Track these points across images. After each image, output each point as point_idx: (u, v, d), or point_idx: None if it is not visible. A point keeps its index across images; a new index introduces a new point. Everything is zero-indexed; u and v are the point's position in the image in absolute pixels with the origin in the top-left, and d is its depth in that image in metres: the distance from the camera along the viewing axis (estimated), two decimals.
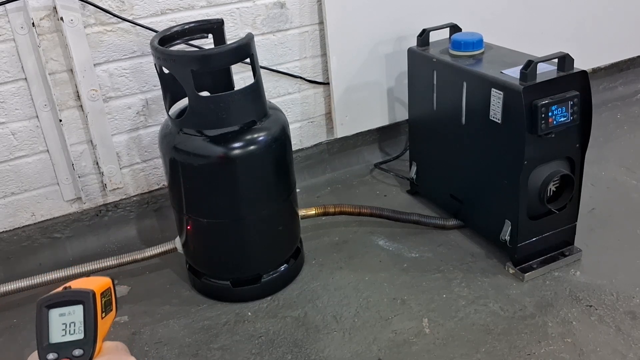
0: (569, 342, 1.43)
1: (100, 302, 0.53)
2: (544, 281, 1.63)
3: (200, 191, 1.53)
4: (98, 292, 0.54)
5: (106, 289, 0.55)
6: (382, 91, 2.18)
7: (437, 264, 1.74)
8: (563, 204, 1.63)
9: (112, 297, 0.56)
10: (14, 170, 1.76)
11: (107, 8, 1.69)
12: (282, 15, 1.96)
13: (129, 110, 1.84)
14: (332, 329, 1.53)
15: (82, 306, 0.52)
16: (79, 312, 0.52)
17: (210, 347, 1.50)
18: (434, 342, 1.46)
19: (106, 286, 0.55)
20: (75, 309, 0.52)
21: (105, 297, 0.54)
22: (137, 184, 1.94)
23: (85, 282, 0.56)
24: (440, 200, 1.98)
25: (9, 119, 1.69)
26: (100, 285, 0.55)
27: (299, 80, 2.09)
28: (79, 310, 0.52)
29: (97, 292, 0.53)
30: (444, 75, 1.77)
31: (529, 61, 1.49)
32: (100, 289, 0.54)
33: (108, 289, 0.55)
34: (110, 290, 0.56)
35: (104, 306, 0.54)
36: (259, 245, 1.63)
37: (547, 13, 2.34)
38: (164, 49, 1.43)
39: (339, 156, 2.29)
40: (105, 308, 0.54)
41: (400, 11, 2.06)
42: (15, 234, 1.82)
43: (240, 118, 1.49)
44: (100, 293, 0.54)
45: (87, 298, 0.53)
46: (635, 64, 2.76)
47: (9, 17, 1.59)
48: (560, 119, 1.50)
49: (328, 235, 1.91)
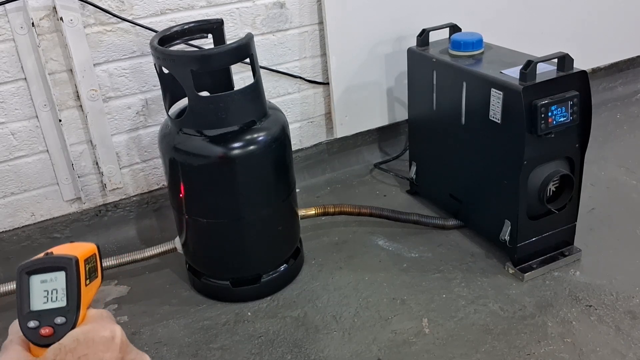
0: (569, 342, 1.43)
1: (84, 268, 0.51)
2: (544, 281, 1.63)
3: (200, 191, 1.53)
4: (81, 258, 0.51)
5: (90, 255, 0.53)
6: (382, 91, 2.18)
7: (436, 264, 1.74)
8: (563, 204, 1.63)
9: (97, 263, 0.54)
10: (14, 170, 1.76)
11: (107, 8, 1.69)
12: (281, 15, 1.96)
13: (128, 110, 1.84)
14: (331, 329, 1.53)
15: (65, 272, 0.50)
16: (61, 278, 0.50)
17: (210, 347, 1.50)
18: (433, 342, 1.46)
19: (90, 252, 0.53)
20: (57, 276, 0.50)
21: (90, 263, 0.52)
22: (136, 184, 1.94)
23: (69, 248, 0.53)
24: (439, 200, 1.98)
25: (9, 119, 1.69)
26: (84, 251, 0.52)
27: (299, 80, 2.09)
28: (61, 277, 0.50)
29: (80, 259, 0.51)
30: (443, 75, 1.77)
31: (528, 61, 1.49)
32: (84, 255, 0.52)
33: (93, 255, 0.53)
34: (95, 257, 0.53)
35: (88, 273, 0.51)
36: (259, 245, 1.63)
37: (547, 13, 2.34)
38: (164, 49, 1.43)
39: (338, 156, 2.29)
40: (90, 275, 0.52)
41: (400, 11, 2.06)
42: (15, 234, 1.82)
43: (240, 118, 1.49)
44: (84, 259, 0.51)
45: (69, 264, 0.50)
46: (635, 64, 2.76)
47: (8, 17, 1.59)
48: (560, 119, 1.50)
49: (328, 235, 1.91)
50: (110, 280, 1.77)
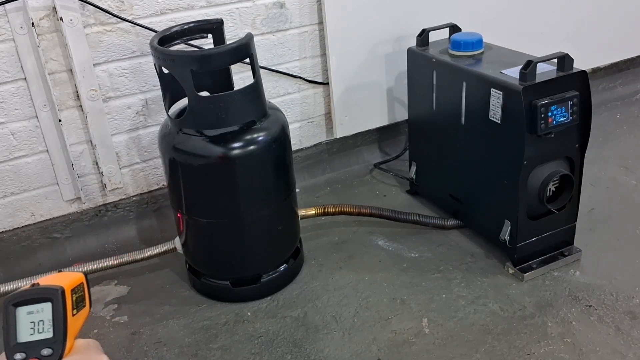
0: (569, 342, 1.43)
1: (71, 298, 0.51)
2: (544, 281, 1.64)
3: (200, 191, 1.53)
4: (68, 288, 0.51)
5: (77, 284, 0.52)
6: (382, 91, 2.18)
7: (436, 264, 1.74)
8: (562, 204, 1.63)
9: (85, 293, 0.53)
10: (14, 170, 1.76)
11: (107, 8, 1.69)
12: (281, 15, 1.96)
13: (128, 110, 1.84)
14: (331, 329, 1.53)
15: (51, 304, 0.50)
16: (48, 309, 0.50)
17: (209, 347, 1.50)
18: (433, 342, 1.46)
19: (78, 282, 0.52)
20: (44, 307, 0.50)
21: (77, 293, 0.52)
22: (136, 184, 1.94)
23: (56, 278, 0.52)
24: (439, 200, 1.98)
25: (9, 119, 1.69)
26: (71, 281, 0.52)
27: (299, 80, 2.09)
28: (47, 308, 0.50)
29: (66, 289, 0.51)
30: (443, 75, 1.77)
31: (528, 61, 1.49)
32: (70, 285, 0.51)
33: (80, 285, 0.53)
34: (82, 286, 0.53)
35: (75, 303, 0.51)
36: (259, 245, 1.63)
37: (547, 13, 2.34)
38: (164, 49, 1.43)
39: (338, 156, 2.29)
40: (77, 305, 0.51)
41: (400, 11, 2.06)
42: (14, 234, 1.82)
43: (240, 118, 1.49)
44: (70, 289, 0.51)
45: (55, 295, 0.50)
46: (635, 64, 2.76)
47: (8, 17, 1.59)
48: (560, 119, 1.50)
49: (328, 235, 1.91)
50: (110, 280, 1.77)
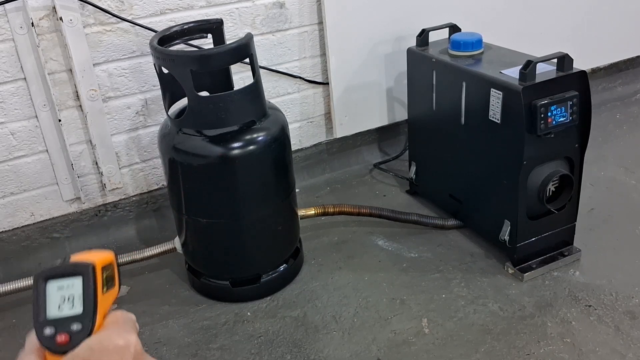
0: (568, 342, 1.43)
1: (102, 276, 0.50)
2: (543, 281, 1.64)
3: (200, 191, 1.53)
4: (99, 265, 0.50)
5: (108, 263, 0.52)
6: (382, 91, 2.18)
7: (436, 264, 1.74)
8: (562, 204, 1.63)
9: (115, 272, 0.53)
10: (13, 170, 1.76)
11: (107, 8, 1.69)
12: (281, 15, 1.96)
13: (128, 110, 1.84)
14: (331, 329, 1.53)
15: (82, 279, 0.49)
16: (78, 284, 0.49)
17: (209, 347, 1.50)
18: (433, 342, 1.46)
19: (108, 260, 0.52)
20: (74, 282, 0.49)
21: (107, 271, 0.51)
22: (136, 184, 1.94)
23: (87, 255, 0.52)
24: (439, 200, 1.98)
25: (8, 119, 1.69)
26: (102, 258, 0.51)
27: (299, 80, 2.09)
28: (77, 283, 0.49)
29: (97, 265, 0.50)
30: (443, 75, 1.77)
31: (528, 61, 1.49)
32: (101, 262, 0.51)
33: (110, 264, 0.52)
34: (112, 265, 0.52)
35: (106, 281, 0.51)
36: (258, 246, 1.63)
37: (547, 13, 2.34)
38: (163, 48, 1.43)
39: (338, 156, 2.29)
40: (107, 283, 0.51)
41: (400, 11, 2.06)
42: (14, 234, 1.82)
43: (240, 118, 1.49)
44: (101, 267, 0.51)
45: (86, 271, 0.49)
46: (635, 64, 2.76)
47: (8, 17, 1.59)
48: (560, 119, 1.50)
49: (327, 235, 1.91)
50: None
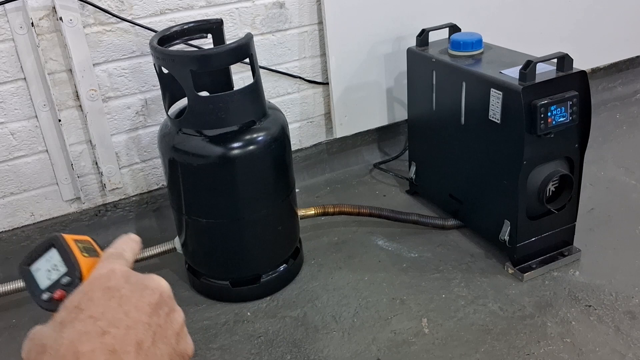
0: (568, 342, 1.43)
1: (76, 245, 0.54)
2: (543, 281, 1.64)
3: (200, 191, 1.53)
4: (68, 237, 0.54)
5: (82, 239, 0.56)
6: (382, 91, 2.18)
7: (436, 264, 1.74)
8: (562, 204, 1.63)
9: (94, 246, 0.56)
10: (13, 170, 1.75)
11: (107, 8, 1.69)
12: (281, 15, 1.96)
13: (128, 110, 1.84)
14: (331, 329, 1.53)
15: (55, 248, 0.53)
16: (55, 253, 0.53)
17: (209, 347, 1.50)
18: (433, 342, 1.46)
19: (82, 237, 0.56)
20: (52, 254, 0.53)
21: (83, 244, 0.55)
22: (136, 184, 1.94)
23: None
24: (439, 200, 1.98)
25: (8, 119, 1.69)
26: (72, 235, 0.56)
27: (298, 80, 2.09)
28: (54, 253, 0.53)
29: (66, 237, 0.54)
30: (443, 75, 1.77)
31: (528, 61, 1.49)
32: (71, 236, 0.55)
33: (85, 240, 0.56)
34: (89, 242, 0.56)
35: (83, 249, 0.54)
36: (258, 245, 1.63)
37: (547, 13, 2.34)
38: (163, 48, 1.43)
39: (338, 156, 2.29)
40: (87, 251, 0.54)
41: (400, 11, 2.06)
42: (14, 234, 1.82)
43: (240, 118, 1.49)
44: (72, 239, 0.54)
45: (55, 239, 0.54)
46: (634, 64, 2.76)
47: (8, 17, 1.59)
48: (560, 119, 1.50)
49: (327, 236, 1.91)
50: None
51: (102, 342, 0.43)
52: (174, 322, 0.49)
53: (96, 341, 0.43)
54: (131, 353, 0.43)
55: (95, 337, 0.43)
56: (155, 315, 0.47)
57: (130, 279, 0.49)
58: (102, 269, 0.50)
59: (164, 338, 0.47)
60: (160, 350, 0.45)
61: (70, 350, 0.42)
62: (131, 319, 0.45)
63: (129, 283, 0.48)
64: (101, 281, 0.48)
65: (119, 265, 0.51)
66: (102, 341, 0.43)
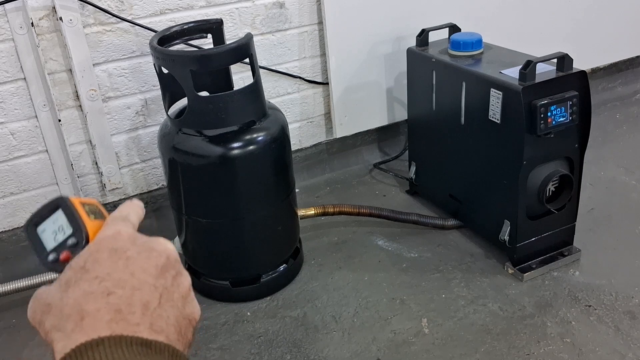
0: (568, 342, 1.43)
1: (82, 207, 0.54)
2: (543, 281, 1.64)
3: (200, 191, 1.53)
4: (74, 199, 0.54)
5: (88, 202, 0.56)
6: (381, 91, 2.18)
7: (436, 264, 1.74)
8: (562, 204, 1.63)
9: (101, 209, 0.56)
10: (13, 170, 1.75)
11: (106, 8, 1.69)
12: (281, 15, 1.96)
13: (128, 110, 1.84)
14: (331, 329, 1.53)
15: (61, 209, 0.53)
16: (61, 215, 0.53)
17: (209, 347, 1.50)
18: (433, 342, 1.46)
19: (89, 200, 0.56)
20: (58, 215, 0.53)
21: (90, 206, 0.55)
22: (136, 184, 1.94)
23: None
24: (439, 200, 1.98)
25: (8, 119, 1.69)
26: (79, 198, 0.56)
27: (298, 80, 2.09)
28: (60, 214, 0.53)
29: (72, 199, 0.54)
30: (443, 75, 1.77)
31: (528, 61, 1.49)
32: (78, 199, 0.55)
33: (92, 203, 0.56)
34: (95, 205, 0.56)
35: (90, 212, 0.54)
36: (258, 246, 1.63)
37: (547, 13, 2.34)
38: (163, 49, 1.43)
39: (338, 156, 2.29)
40: (94, 214, 0.54)
41: (400, 11, 2.06)
42: (14, 234, 1.82)
43: (240, 118, 1.49)
44: (78, 201, 0.54)
45: (62, 201, 0.54)
46: (634, 64, 2.76)
47: (7, 17, 1.59)
48: (560, 119, 1.50)
49: (327, 236, 1.91)
50: None
51: (108, 302, 0.43)
52: (180, 285, 0.48)
53: (102, 301, 0.43)
54: (137, 313, 0.43)
55: (100, 297, 0.43)
56: (161, 278, 0.46)
57: (136, 241, 0.48)
58: (108, 231, 0.50)
59: (171, 301, 0.46)
60: (167, 312, 0.45)
61: (75, 309, 0.42)
62: (137, 280, 0.45)
63: (135, 245, 0.48)
64: (107, 242, 0.48)
65: (125, 227, 0.51)
66: (107, 301, 0.43)
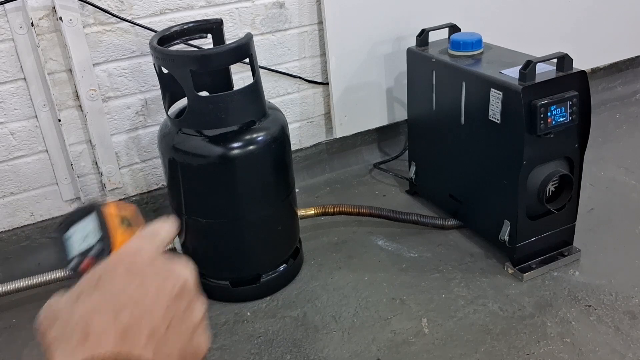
0: (568, 342, 1.43)
1: (116, 213, 0.53)
2: (543, 281, 1.64)
3: (200, 191, 1.53)
4: (111, 204, 0.53)
5: (125, 208, 0.54)
6: (381, 91, 2.18)
7: (436, 264, 1.74)
8: (562, 204, 1.63)
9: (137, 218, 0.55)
10: (13, 170, 1.75)
11: (106, 8, 1.69)
12: (281, 15, 1.96)
13: (128, 110, 1.84)
14: (331, 329, 1.53)
15: (94, 214, 0.52)
16: (92, 220, 0.52)
17: (209, 347, 1.50)
18: (433, 342, 1.46)
19: (126, 207, 0.55)
20: (88, 221, 0.52)
21: (124, 213, 0.54)
22: (136, 184, 1.94)
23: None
24: (439, 200, 1.98)
25: (8, 118, 1.69)
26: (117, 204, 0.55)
27: (298, 80, 2.09)
28: (90, 220, 0.52)
29: (108, 203, 0.53)
30: (443, 75, 1.77)
31: (528, 61, 1.49)
32: (115, 203, 0.54)
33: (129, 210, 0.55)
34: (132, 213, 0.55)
35: (123, 220, 0.53)
36: (258, 245, 1.63)
37: (546, 13, 2.34)
38: (163, 48, 1.43)
39: (338, 156, 2.29)
40: (128, 222, 0.53)
41: (400, 11, 2.06)
42: (14, 234, 1.82)
43: (240, 118, 1.49)
44: (116, 207, 0.53)
45: (95, 206, 0.53)
46: (634, 64, 2.76)
47: (7, 17, 1.59)
48: (559, 119, 1.50)
49: (327, 235, 1.91)
50: None
51: (115, 321, 0.41)
52: (192, 314, 0.46)
53: (109, 319, 0.41)
54: (142, 338, 0.41)
55: (109, 314, 0.42)
56: (174, 305, 0.45)
57: (155, 262, 0.47)
58: (132, 246, 0.49)
59: (179, 330, 0.45)
60: (172, 340, 0.44)
61: (80, 325, 0.41)
62: (149, 302, 0.43)
63: (154, 266, 0.47)
64: (127, 258, 0.47)
65: (149, 245, 0.49)
66: (115, 320, 0.41)
